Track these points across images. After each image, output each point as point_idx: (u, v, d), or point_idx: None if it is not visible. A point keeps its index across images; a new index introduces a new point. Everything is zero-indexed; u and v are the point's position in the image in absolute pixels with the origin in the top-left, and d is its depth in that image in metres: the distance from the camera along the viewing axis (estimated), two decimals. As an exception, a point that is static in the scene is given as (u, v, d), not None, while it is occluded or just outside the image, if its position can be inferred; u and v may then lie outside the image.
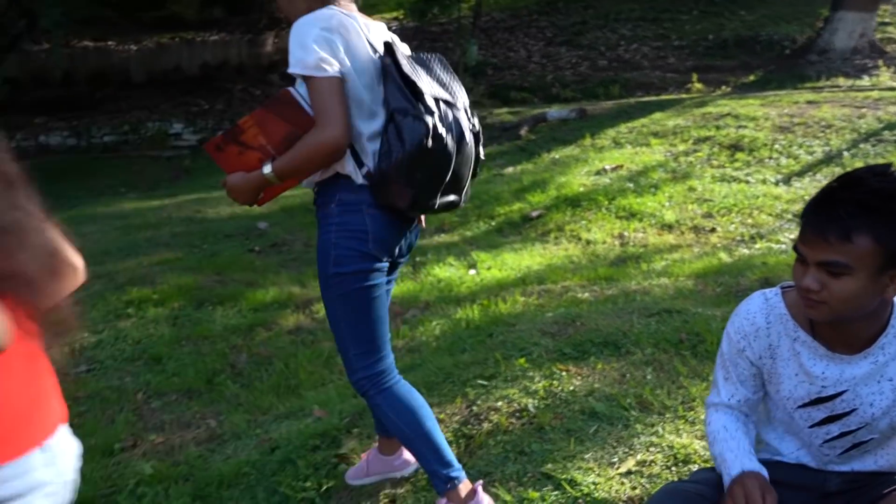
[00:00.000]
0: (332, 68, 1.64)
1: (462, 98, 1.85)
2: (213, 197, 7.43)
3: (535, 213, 5.83)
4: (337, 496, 2.21)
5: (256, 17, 15.75)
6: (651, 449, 2.08)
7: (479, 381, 2.61)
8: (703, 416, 2.13)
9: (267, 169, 1.71)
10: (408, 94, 1.70)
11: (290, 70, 1.67)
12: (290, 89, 1.71)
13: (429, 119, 1.68)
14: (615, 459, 2.06)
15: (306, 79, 1.66)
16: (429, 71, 1.81)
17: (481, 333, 3.27)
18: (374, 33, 1.80)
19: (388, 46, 1.76)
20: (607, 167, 6.64)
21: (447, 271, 4.68)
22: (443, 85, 1.80)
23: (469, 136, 1.80)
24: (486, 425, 2.33)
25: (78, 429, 3.35)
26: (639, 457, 2.05)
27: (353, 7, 1.81)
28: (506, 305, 3.78)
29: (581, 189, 6.15)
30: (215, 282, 4.88)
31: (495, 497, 1.99)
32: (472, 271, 4.68)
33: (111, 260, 5.55)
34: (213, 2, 16.13)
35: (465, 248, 5.25)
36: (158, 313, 4.37)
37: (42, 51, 11.88)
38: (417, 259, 4.99)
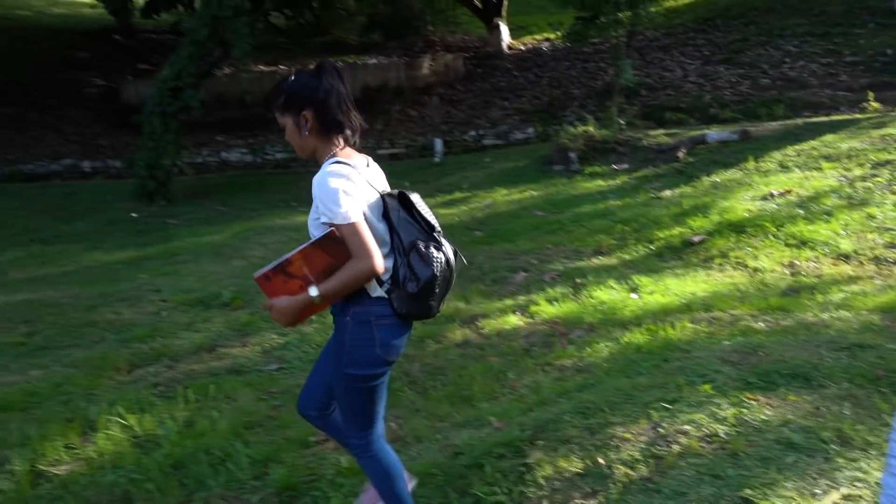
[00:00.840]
0: (358, 214, 2.01)
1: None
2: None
3: (696, 238, 5.72)
4: (528, 503, 2.34)
5: (413, 41, 16.53)
6: (856, 484, 2.04)
7: (663, 405, 2.66)
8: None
9: (314, 292, 2.02)
10: (426, 229, 2.11)
11: (326, 221, 2.01)
12: (335, 231, 2.01)
13: (446, 248, 2.11)
14: (818, 491, 2.05)
15: (340, 226, 1.99)
16: (423, 205, 2.16)
17: (655, 357, 3.30)
18: (373, 174, 2.17)
19: (404, 196, 2.13)
20: (774, 192, 6.39)
21: (608, 294, 4.71)
22: (432, 216, 2.17)
23: (455, 254, 2.18)
24: (675, 447, 2.37)
25: (275, 420, 3.71)
26: (843, 490, 2.02)
27: (354, 154, 2.16)
28: (675, 331, 3.77)
29: (746, 214, 5.96)
30: (386, 293, 5.19)
31: (691, 518, 2.04)
32: (634, 295, 4.68)
33: (290, 268, 6.06)
34: (373, 27, 17.13)
35: (624, 271, 5.25)
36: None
37: (224, 75, 13.12)
38: (577, 280, 5.06)
